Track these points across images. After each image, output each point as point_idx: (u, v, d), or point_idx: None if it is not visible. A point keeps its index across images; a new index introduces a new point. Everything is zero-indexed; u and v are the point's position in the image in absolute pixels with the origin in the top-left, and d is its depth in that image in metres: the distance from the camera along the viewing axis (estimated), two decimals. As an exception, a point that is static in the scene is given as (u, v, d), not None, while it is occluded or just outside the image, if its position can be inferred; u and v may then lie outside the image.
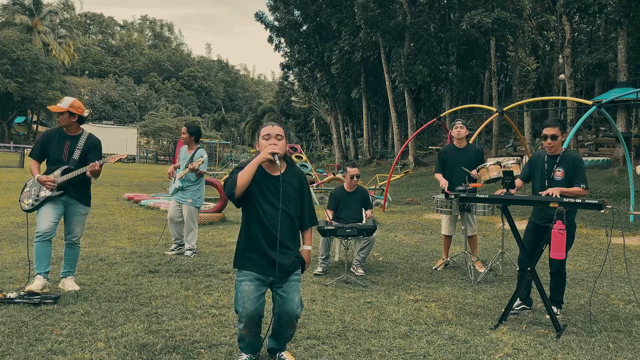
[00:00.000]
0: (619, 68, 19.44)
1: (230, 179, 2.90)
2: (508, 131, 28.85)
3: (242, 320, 2.92)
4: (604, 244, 7.89)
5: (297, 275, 3.07)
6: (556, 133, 4.15)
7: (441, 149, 6.25)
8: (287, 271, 3.00)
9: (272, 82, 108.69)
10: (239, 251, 3.04)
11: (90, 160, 4.41)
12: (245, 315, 2.89)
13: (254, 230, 2.97)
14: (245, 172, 2.85)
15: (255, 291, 2.92)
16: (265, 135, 2.97)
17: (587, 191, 4.10)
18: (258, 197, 2.95)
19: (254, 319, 2.92)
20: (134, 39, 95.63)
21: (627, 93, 13.45)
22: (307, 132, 52.41)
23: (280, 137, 2.97)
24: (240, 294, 2.92)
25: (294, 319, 3.01)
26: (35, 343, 3.27)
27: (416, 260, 6.52)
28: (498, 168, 5.47)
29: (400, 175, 16.84)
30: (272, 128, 2.99)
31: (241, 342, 3.08)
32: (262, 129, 3.02)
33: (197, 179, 6.23)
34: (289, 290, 2.99)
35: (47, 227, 4.29)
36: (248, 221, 3.01)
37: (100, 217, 9.48)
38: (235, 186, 2.84)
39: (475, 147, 6.19)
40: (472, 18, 21.14)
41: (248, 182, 2.86)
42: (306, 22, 31.69)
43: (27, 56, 45.56)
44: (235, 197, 2.88)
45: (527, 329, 3.90)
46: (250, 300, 2.90)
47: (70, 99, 4.42)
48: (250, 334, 2.99)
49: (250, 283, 2.93)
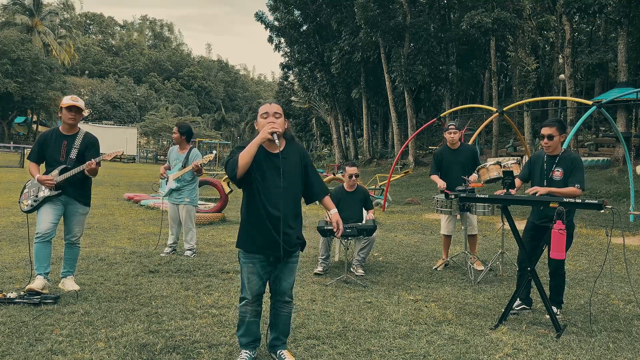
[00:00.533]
0: (619, 68, 19.43)
1: (232, 160, 2.91)
2: (508, 131, 28.85)
3: (246, 297, 3.04)
4: (604, 244, 7.89)
5: (295, 257, 3.13)
6: (553, 133, 4.15)
7: (436, 151, 6.29)
8: (288, 252, 3.04)
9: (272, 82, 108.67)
10: (242, 231, 3.06)
11: (88, 159, 4.41)
12: (250, 294, 3.02)
13: (255, 209, 2.98)
14: (246, 153, 2.86)
15: (259, 271, 3.02)
16: (263, 114, 2.98)
17: (580, 191, 4.05)
18: (258, 175, 2.96)
19: (258, 296, 3.06)
20: (134, 39, 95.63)
21: (627, 93, 13.45)
22: (307, 132, 52.38)
23: (278, 115, 2.98)
24: (245, 274, 3.03)
25: (286, 296, 3.13)
26: (35, 343, 3.27)
27: (416, 260, 6.52)
28: (498, 168, 5.47)
29: (400, 175, 16.83)
30: (270, 106, 3.00)
31: (240, 328, 3.11)
32: (261, 107, 3.04)
33: (193, 178, 6.22)
34: (286, 271, 3.09)
35: (46, 227, 4.29)
36: (249, 200, 3.01)
37: (100, 217, 9.48)
38: (237, 167, 2.85)
39: (469, 147, 6.20)
40: (472, 18, 21.14)
41: (249, 162, 2.88)
42: (306, 22, 31.68)
43: (27, 56, 45.55)
44: (237, 178, 2.90)
45: (527, 329, 3.90)
46: (255, 280, 3.01)
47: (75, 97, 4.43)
48: (252, 311, 3.06)
49: (254, 264, 3.01)
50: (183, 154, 6.23)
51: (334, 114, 35.48)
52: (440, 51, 28.50)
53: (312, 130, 50.21)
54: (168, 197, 6.28)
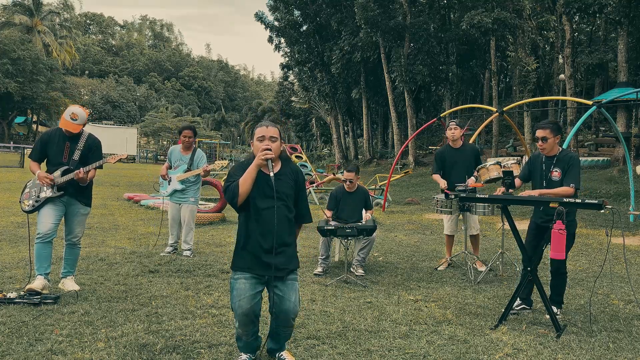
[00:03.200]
0: (619, 68, 19.43)
1: (232, 185, 2.90)
2: (508, 131, 28.85)
3: (237, 318, 2.93)
4: (604, 244, 7.88)
5: (294, 274, 3.07)
6: (547, 135, 4.16)
7: (437, 150, 6.25)
8: (284, 270, 3.00)
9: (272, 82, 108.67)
10: (237, 251, 3.04)
11: (91, 161, 4.41)
12: (240, 314, 2.90)
13: (250, 229, 2.98)
14: (246, 180, 2.88)
15: (250, 289, 2.92)
16: (259, 137, 2.96)
17: (573, 190, 4.03)
18: (254, 196, 2.96)
19: (250, 317, 2.92)
20: (134, 39, 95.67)
21: (627, 93, 13.44)
22: (307, 132, 52.39)
23: (274, 138, 2.96)
24: (236, 292, 2.93)
25: (290, 317, 3.01)
26: (35, 343, 3.27)
27: (416, 260, 6.51)
28: (498, 168, 5.46)
29: (400, 175, 16.84)
30: (267, 130, 2.97)
31: (239, 341, 3.08)
32: (257, 129, 3.01)
33: (197, 179, 6.22)
34: (286, 289, 2.99)
35: (47, 228, 4.29)
36: (244, 221, 3.01)
37: (100, 217, 9.48)
38: (238, 194, 2.86)
39: (471, 146, 6.19)
40: (472, 18, 21.14)
41: (249, 189, 2.89)
42: (306, 22, 31.69)
43: (27, 56, 45.55)
44: (237, 205, 2.90)
45: (527, 329, 3.90)
46: (246, 298, 2.90)
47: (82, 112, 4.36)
48: (247, 333, 2.99)
49: (246, 281, 2.94)
50: (187, 154, 6.22)
51: (334, 114, 35.49)
52: (440, 51, 28.50)
53: (312, 130, 50.23)
54: (170, 197, 6.28)
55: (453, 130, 5.96)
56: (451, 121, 6.05)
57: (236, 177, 2.93)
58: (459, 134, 5.98)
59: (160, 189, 6.47)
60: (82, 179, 4.31)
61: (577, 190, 4.08)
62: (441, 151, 6.14)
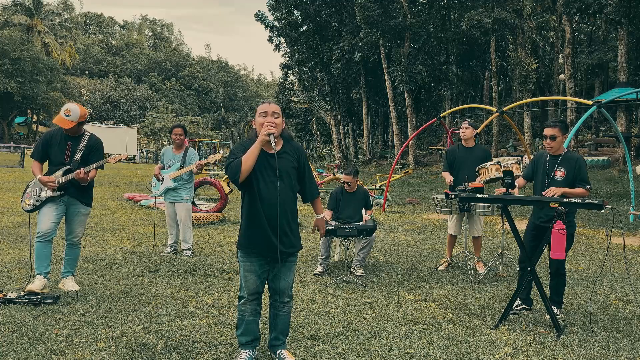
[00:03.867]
0: (619, 68, 19.43)
1: (234, 163, 2.91)
2: (508, 131, 28.85)
3: (244, 295, 3.06)
4: (604, 244, 7.88)
5: (294, 256, 3.15)
6: (555, 134, 4.16)
7: (448, 149, 6.22)
8: (287, 253, 3.06)
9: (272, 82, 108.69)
10: (242, 231, 3.08)
11: (92, 161, 4.41)
12: (247, 293, 3.04)
13: (254, 209, 3.00)
14: (249, 157, 2.89)
15: (257, 269, 3.04)
16: (261, 113, 2.99)
17: (588, 192, 4.11)
18: (256, 176, 2.97)
19: (255, 294, 3.08)
20: (134, 39, 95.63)
21: (627, 93, 13.42)
22: (307, 132, 52.37)
23: (276, 114, 2.99)
24: (243, 273, 3.06)
25: (285, 295, 3.14)
26: (35, 343, 3.27)
27: (416, 260, 6.51)
28: (498, 168, 5.45)
29: (400, 175, 16.82)
30: (269, 106, 3.01)
31: (239, 327, 3.12)
32: (259, 106, 3.05)
33: (190, 177, 6.24)
34: (285, 270, 3.11)
35: (47, 227, 4.29)
36: (248, 200, 3.03)
37: (100, 217, 9.48)
38: (240, 171, 2.88)
39: (482, 147, 6.15)
40: (472, 18, 21.12)
41: (252, 166, 2.91)
42: (306, 22, 31.67)
43: (27, 56, 45.54)
44: (239, 181, 2.93)
45: (527, 329, 3.90)
46: (252, 279, 3.04)
47: (75, 108, 4.35)
48: (250, 310, 3.08)
49: (252, 262, 3.04)
50: (179, 153, 6.24)
51: (334, 114, 35.48)
52: (440, 51, 28.49)
53: (312, 130, 50.20)
54: (164, 196, 6.28)
55: (464, 130, 5.94)
56: (465, 120, 6.03)
57: (239, 154, 2.95)
58: (471, 133, 5.94)
59: (153, 189, 6.47)
60: (83, 178, 4.31)
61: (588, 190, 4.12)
62: (452, 149, 6.10)
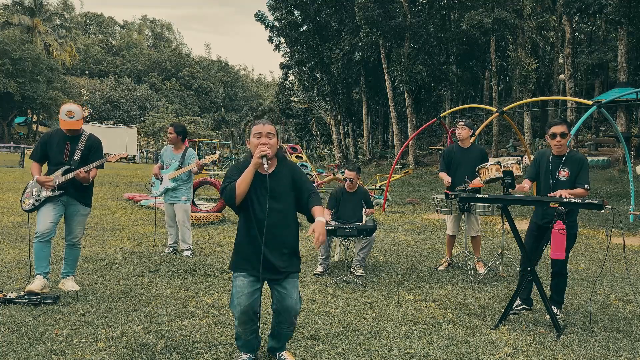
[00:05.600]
0: (619, 68, 19.43)
1: (229, 187, 2.91)
2: (508, 131, 28.85)
3: (236, 316, 2.94)
4: (604, 244, 7.88)
5: (295, 272, 3.08)
6: (565, 131, 4.14)
7: (445, 149, 6.19)
8: (284, 272, 3.00)
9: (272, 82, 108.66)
10: (235, 251, 3.06)
11: (91, 161, 4.42)
12: (239, 311, 2.90)
13: (248, 229, 2.99)
14: (243, 181, 2.89)
15: (249, 286, 2.93)
16: (256, 134, 2.98)
17: (587, 192, 4.09)
18: (251, 197, 2.96)
19: (248, 314, 2.91)
20: (134, 39, 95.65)
21: (627, 93, 13.43)
22: (307, 132, 52.37)
23: (271, 135, 2.98)
24: (235, 290, 2.95)
25: (292, 315, 3.00)
26: (35, 343, 3.27)
27: (416, 260, 6.51)
28: (498, 168, 5.45)
29: (400, 176, 16.83)
30: (264, 127, 2.99)
31: (238, 340, 3.08)
32: (254, 127, 3.03)
33: (189, 177, 6.25)
34: (288, 287, 3.00)
35: (46, 227, 4.29)
36: (242, 221, 3.03)
37: (100, 217, 9.47)
38: (235, 195, 2.88)
39: (479, 147, 6.15)
40: (472, 18, 21.12)
41: (246, 190, 2.91)
42: (306, 22, 31.67)
43: (27, 56, 45.55)
44: (235, 205, 2.92)
45: (527, 329, 3.90)
46: (244, 295, 2.90)
47: (76, 107, 4.36)
48: (246, 331, 2.98)
49: (245, 279, 2.95)
50: (178, 153, 6.24)
51: (334, 114, 35.47)
52: (440, 51, 28.50)
53: (312, 130, 50.19)
54: (163, 196, 6.28)
55: (460, 130, 5.93)
56: (460, 120, 6.02)
57: (233, 177, 2.95)
58: (466, 134, 5.93)
59: (152, 189, 6.48)
60: (84, 178, 4.31)
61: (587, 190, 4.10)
62: (449, 150, 6.08)
